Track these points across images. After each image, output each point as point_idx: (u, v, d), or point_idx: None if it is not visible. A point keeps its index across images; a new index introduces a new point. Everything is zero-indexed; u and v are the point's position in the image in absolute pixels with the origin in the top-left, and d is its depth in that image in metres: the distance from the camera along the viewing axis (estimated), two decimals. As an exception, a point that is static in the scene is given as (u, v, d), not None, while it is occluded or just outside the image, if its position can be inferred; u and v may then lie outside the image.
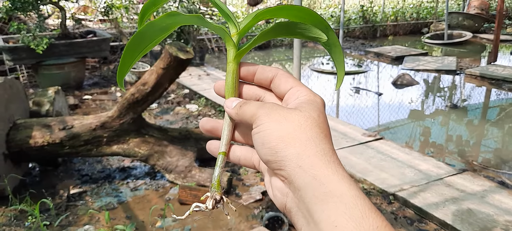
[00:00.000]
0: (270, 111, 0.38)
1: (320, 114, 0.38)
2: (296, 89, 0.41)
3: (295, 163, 0.35)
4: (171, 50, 2.30)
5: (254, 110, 0.39)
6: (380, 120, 4.14)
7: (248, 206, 2.39)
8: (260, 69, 0.44)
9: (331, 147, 0.36)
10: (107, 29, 6.63)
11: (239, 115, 0.41)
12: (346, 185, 0.33)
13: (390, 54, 6.84)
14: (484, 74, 5.32)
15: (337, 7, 10.46)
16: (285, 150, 0.35)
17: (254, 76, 0.44)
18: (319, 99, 0.40)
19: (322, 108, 0.39)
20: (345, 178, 0.34)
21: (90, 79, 5.34)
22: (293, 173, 0.35)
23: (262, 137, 0.37)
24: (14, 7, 4.19)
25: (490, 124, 4.02)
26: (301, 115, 0.37)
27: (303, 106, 0.38)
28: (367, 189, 2.53)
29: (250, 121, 0.39)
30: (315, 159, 0.35)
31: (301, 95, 0.40)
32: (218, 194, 0.41)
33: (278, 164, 0.36)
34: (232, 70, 0.44)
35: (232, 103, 0.42)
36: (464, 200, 2.33)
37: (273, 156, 0.36)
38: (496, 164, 3.02)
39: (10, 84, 2.55)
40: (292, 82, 0.41)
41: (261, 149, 0.37)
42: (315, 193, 0.33)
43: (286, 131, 0.36)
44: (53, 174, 2.81)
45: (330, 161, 0.35)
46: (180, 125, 3.79)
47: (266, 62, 7.03)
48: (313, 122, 0.37)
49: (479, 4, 9.30)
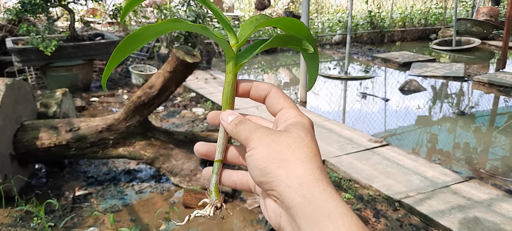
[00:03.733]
0: (262, 135, 0.40)
1: (308, 134, 0.40)
2: (285, 111, 0.43)
3: (285, 183, 0.36)
4: (178, 54, 2.31)
5: (247, 134, 0.41)
6: (386, 126, 4.12)
7: (252, 211, 2.38)
8: (254, 86, 0.46)
9: (319, 165, 0.38)
10: (115, 32, 6.68)
11: (234, 134, 0.43)
12: (333, 204, 0.35)
13: (398, 60, 6.81)
14: (492, 81, 5.28)
15: (345, 12, 10.45)
16: (275, 171, 0.37)
17: (249, 93, 0.46)
18: (307, 120, 0.42)
19: (309, 128, 0.41)
20: (333, 196, 0.35)
21: (97, 82, 5.38)
22: (283, 192, 0.36)
23: (254, 160, 0.39)
24: (24, 9, 4.23)
25: (498, 131, 3.98)
26: (289, 136, 0.39)
27: (291, 128, 0.40)
28: (373, 196, 2.51)
29: (244, 143, 0.41)
30: (304, 178, 0.36)
31: (289, 117, 0.42)
32: (218, 201, 0.43)
33: (270, 185, 0.38)
34: (230, 82, 0.45)
35: (228, 118, 0.44)
36: (470, 208, 2.31)
37: (264, 177, 0.38)
38: (504, 172, 2.99)
39: (18, 86, 2.57)
40: (283, 103, 0.44)
41: (253, 171, 0.39)
42: (305, 212, 0.35)
43: (276, 153, 0.38)
44: (59, 175, 2.83)
45: (318, 179, 0.36)
46: (186, 128, 3.80)
47: (273, 66, 7.04)
48: (301, 142, 0.39)
49: (488, 10, 9.24)
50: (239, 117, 0.44)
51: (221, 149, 0.45)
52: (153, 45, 5.86)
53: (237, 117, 0.44)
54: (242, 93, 0.46)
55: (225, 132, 0.45)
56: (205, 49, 6.18)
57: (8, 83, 2.44)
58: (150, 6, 7.20)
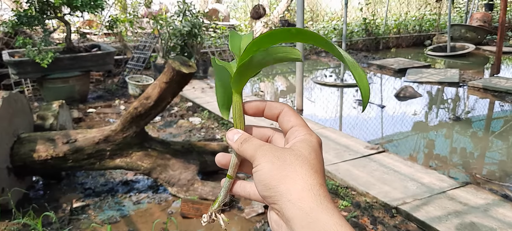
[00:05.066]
0: (266, 152, 0.43)
1: (312, 152, 0.42)
2: (295, 129, 0.45)
3: (286, 197, 0.39)
4: (174, 65, 2.32)
5: (252, 152, 0.44)
6: (383, 132, 4.13)
7: (250, 220, 2.38)
8: (268, 106, 0.48)
9: (319, 181, 0.41)
10: (111, 43, 6.70)
11: (240, 152, 0.45)
12: (328, 215, 0.38)
13: (393, 66, 6.85)
14: (487, 86, 5.31)
15: (340, 20, 10.52)
16: (277, 187, 0.40)
17: (263, 113, 0.49)
18: (315, 138, 0.44)
19: (315, 146, 0.43)
20: (328, 209, 0.38)
21: (94, 93, 5.38)
22: (284, 206, 0.39)
23: (258, 176, 0.42)
24: (20, 22, 4.25)
25: (493, 136, 4.00)
26: (292, 154, 0.42)
27: (296, 146, 0.43)
28: (370, 203, 2.52)
29: (250, 160, 0.44)
30: (303, 193, 0.39)
31: (298, 135, 0.45)
32: (213, 211, 0.47)
33: (272, 199, 0.41)
34: (234, 102, 0.48)
35: (233, 137, 0.47)
36: (467, 213, 2.32)
37: (267, 191, 0.41)
38: (500, 177, 3.00)
39: (15, 99, 2.58)
40: (294, 121, 0.46)
41: (258, 186, 0.42)
42: (302, 223, 0.38)
43: (278, 169, 0.41)
44: (56, 188, 2.82)
45: (316, 194, 0.39)
46: (183, 138, 3.80)
47: (270, 74, 7.06)
48: (303, 160, 0.41)
49: (482, 16, 9.33)
50: (243, 135, 0.46)
51: (233, 166, 0.48)
52: (149, 56, 5.88)
53: (242, 135, 0.46)
54: (255, 113, 0.49)
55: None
56: (201, 59, 6.20)
57: (4, 96, 2.44)
58: (146, 16, 7.23)
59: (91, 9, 4.48)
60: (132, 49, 6.45)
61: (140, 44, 6.11)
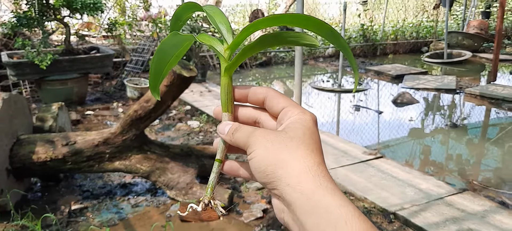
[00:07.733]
0: (259, 138, 0.41)
1: (306, 132, 0.41)
2: (287, 110, 0.44)
3: (284, 182, 0.38)
4: (175, 68, 2.33)
5: (245, 139, 0.42)
6: (380, 138, 4.15)
7: (249, 224, 2.39)
8: (251, 91, 0.47)
9: (317, 160, 0.39)
10: (110, 46, 6.70)
11: (233, 142, 0.44)
12: (330, 197, 0.37)
13: (390, 72, 6.88)
14: (484, 93, 5.35)
15: (338, 26, 10.57)
16: (275, 172, 0.39)
17: (247, 98, 0.47)
18: (309, 116, 0.43)
19: (310, 125, 0.42)
20: (329, 189, 0.37)
21: (92, 95, 5.38)
22: (283, 191, 0.38)
23: (254, 163, 0.41)
24: (20, 24, 4.25)
25: (490, 143, 4.03)
26: (286, 137, 0.40)
27: (289, 127, 0.41)
28: (368, 208, 2.53)
29: (244, 148, 0.43)
30: (301, 176, 0.38)
31: (292, 115, 0.43)
32: (207, 198, 0.45)
33: (271, 185, 0.39)
34: (223, 84, 0.46)
35: (224, 129, 0.45)
36: (464, 220, 2.34)
37: (265, 178, 0.40)
38: (497, 184, 3.02)
39: (14, 100, 2.58)
40: (283, 102, 0.44)
41: (256, 173, 0.41)
42: (304, 207, 0.37)
43: (273, 154, 0.40)
44: (55, 190, 2.82)
45: (315, 175, 0.38)
46: (181, 141, 3.81)
47: (267, 79, 7.08)
48: (298, 141, 0.40)
49: (478, 24, 9.39)
50: (234, 125, 0.45)
51: (221, 149, 0.46)
52: (148, 59, 5.89)
53: (233, 125, 0.45)
54: (240, 99, 0.47)
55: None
56: (200, 62, 6.21)
57: (4, 98, 2.44)
58: (145, 19, 7.24)
59: (91, 11, 4.48)
60: (130, 52, 6.46)
61: (138, 47, 6.12)
